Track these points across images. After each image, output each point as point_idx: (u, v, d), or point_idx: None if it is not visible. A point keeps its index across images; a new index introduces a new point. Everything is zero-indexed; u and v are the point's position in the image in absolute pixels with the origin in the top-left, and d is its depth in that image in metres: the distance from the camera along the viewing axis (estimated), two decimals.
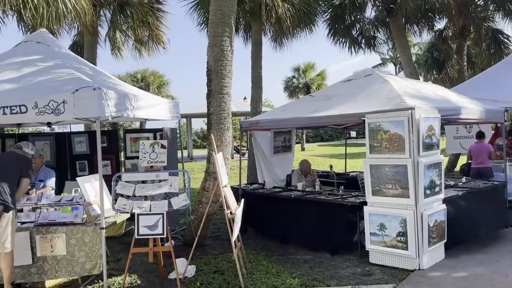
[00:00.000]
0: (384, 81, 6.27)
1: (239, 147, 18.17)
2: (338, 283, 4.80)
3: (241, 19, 11.43)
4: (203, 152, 29.97)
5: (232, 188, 6.51)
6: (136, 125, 24.17)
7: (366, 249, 5.45)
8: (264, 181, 7.68)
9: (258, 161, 7.88)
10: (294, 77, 31.70)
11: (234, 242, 4.84)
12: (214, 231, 7.31)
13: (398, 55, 26.22)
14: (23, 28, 10.66)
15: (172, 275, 5.00)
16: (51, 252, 4.77)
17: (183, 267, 5.07)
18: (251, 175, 10.24)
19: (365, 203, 5.50)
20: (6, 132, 8.69)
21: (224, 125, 6.06)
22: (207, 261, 5.64)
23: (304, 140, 30.56)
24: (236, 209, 5.14)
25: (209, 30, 6.25)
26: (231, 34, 6.14)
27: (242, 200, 5.50)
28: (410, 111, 5.08)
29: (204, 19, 11.53)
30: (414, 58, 20.61)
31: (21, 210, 5.23)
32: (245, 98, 26.13)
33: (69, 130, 11.04)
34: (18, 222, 4.88)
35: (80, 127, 11.52)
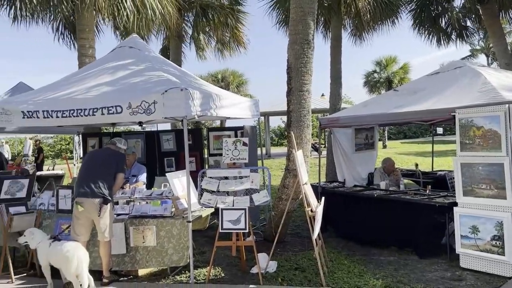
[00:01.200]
0: (476, 73, 5.83)
1: (316, 145, 17.99)
2: (425, 286, 4.57)
3: (320, 15, 11.30)
4: (280, 149, 30.16)
5: (312, 186, 6.48)
6: (217, 123, 25.01)
7: (456, 252, 5.12)
8: (345, 180, 7.54)
9: (337, 159, 7.75)
10: (375, 71, 30.58)
11: (315, 240, 4.82)
12: (294, 228, 7.33)
13: (490, 45, 24.15)
14: (117, 35, 11.58)
15: (254, 270, 5.12)
16: (143, 243, 5.12)
17: (264, 262, 5.16)
18: (330, 173, 10.11)
19: (455, 204, 5.17)
20: (102, 131, 9.48)
21: (304, 123, 6.06)
22: (288, 257, 5.68)
23: (386, 137, 29.39)
24: (316, 207, 5.11)
25: (289, 28, 6.27)
26: (312, 31, 6.11)
27: (323, 198, 5.45)
28: (507, 105, 4.67)
29: (284, 16, 11.58)
30: (509, 48, 18.83)
31: (117, 203, 5.68)
32: (323, 95, 25.78)
33: (156, 129, 11.75)
34: (114, 214, 5.31)
35: (167, 126, 12.20)
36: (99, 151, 5.35)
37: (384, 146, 27.14)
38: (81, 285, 4.52)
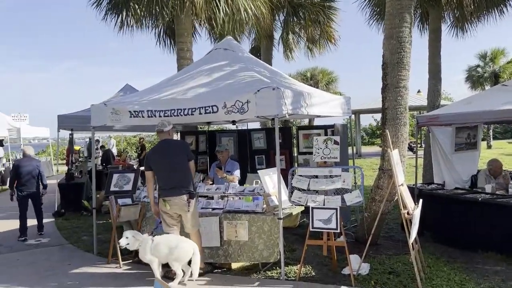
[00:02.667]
0: None
1: (412, 144, 17.05)
2: None
3: (417, 8, 10.68)
4: (371, 149, 29.14)
5: (408, 187, 6.17)
6: (305, 122, 24.93)
7: None
8: (444, 182, 7.05)
9: (436, 160, 7.28)
10: (478, 65, 28.11)
11: (412, 244, 4.58)
12: (387, 231, 7.04)
13: None
14: (211, 38, 12.11)
15: (346, 271, 5.02)
16: (235, 237, 5.30)
17: (356, 264, 5.04)
18: (427, 174, 9.52)
19: None
20: (198, 129, 9.98)
21: (400, 120, 5.79)
22: (381, 260, 5.47)
23: (491, 136, 26.89)
24: (413, 209, 4.86)
25: (385, 22, 6.03)
26: (409, 24, 5.81)
27: (420, 200, 5.16)
28: None
29: (378, 9, 11.13)
30: None
31: (212, 198, 5.97)
32: (419, 91, 24.39)
33: (246, 128, 12.07)
34: (209, 208, 5.58)
35: (256, 125, 12.48)
36: (163, 147, 5.22)
37: (489, 147, 24.87)
38: (183, 274, 4.82)
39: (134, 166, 12.54)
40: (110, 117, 5.96)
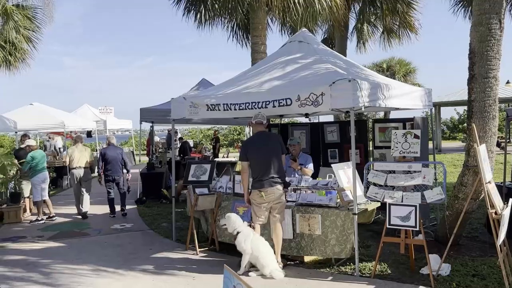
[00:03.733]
0: None
1: (500, 140, 15.76)
2: None
3: None
4: (453, 144, 27.43)
5: (495, 185, 5.72)
6: (380, 114, 24.08)
7: None
8: None
9: None
10: None
11: (500, 246, 4.25)
12: (470, 231, 6.60)
13: None
14: (283, 31, 12.11)
15: (424, 270, 4.80)
16: (308, 230, 5.28)
17: (436, 264, 4.79)
18: None
19: None
20: (270, 122, 10.07)
21: (488, 113, 5.36)
22: (464, 262, 5.15)
23: None
24: (502, 209, 4.50)
25: (474, 8, 5.59)
26: (500, 9, 5.35)
27: (510, 200, 4.76)
28: None
29: None
30: None
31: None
32: (507, 82, 22.43)
33: (317, 121, 11.93)
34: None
35: (329, 118, 12.29)
36: (260, 138, 5.30)
37: None
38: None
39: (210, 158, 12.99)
40: (189, 110, 6.20)
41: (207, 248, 6.10)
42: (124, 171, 8.88)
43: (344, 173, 5.51)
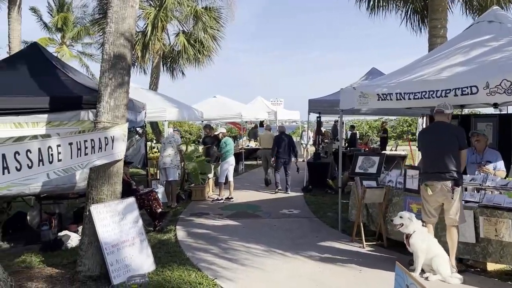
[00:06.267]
0: None
1: None
2: None
3: None
4: None
5: None
6: None
7: None
8: None
9: None
10: None
11: None
12: None
13: None
14: (468, 11, 10.80)
15: None
16: (495, 236, 4.64)
17: None
18: None
19: None
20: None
21: None
22: None
23: None
24: None
25: None
26: None
27: None
28: None
29: None
30: None
31: (465, 189, 5.37)
32: None
33: (506, 112, 10.34)
34: (462, 200, 5.04)
35: None
36: (435, 129, 4.89)
37: None
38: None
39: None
40: (358, 100, 6.09)
41: (374, 243, 5.94)
42: (293, 154, 10.49)
43: None
